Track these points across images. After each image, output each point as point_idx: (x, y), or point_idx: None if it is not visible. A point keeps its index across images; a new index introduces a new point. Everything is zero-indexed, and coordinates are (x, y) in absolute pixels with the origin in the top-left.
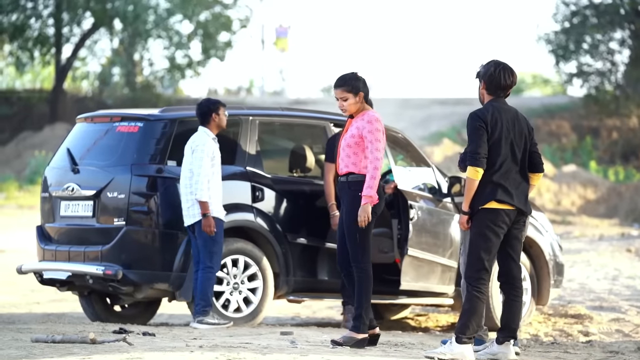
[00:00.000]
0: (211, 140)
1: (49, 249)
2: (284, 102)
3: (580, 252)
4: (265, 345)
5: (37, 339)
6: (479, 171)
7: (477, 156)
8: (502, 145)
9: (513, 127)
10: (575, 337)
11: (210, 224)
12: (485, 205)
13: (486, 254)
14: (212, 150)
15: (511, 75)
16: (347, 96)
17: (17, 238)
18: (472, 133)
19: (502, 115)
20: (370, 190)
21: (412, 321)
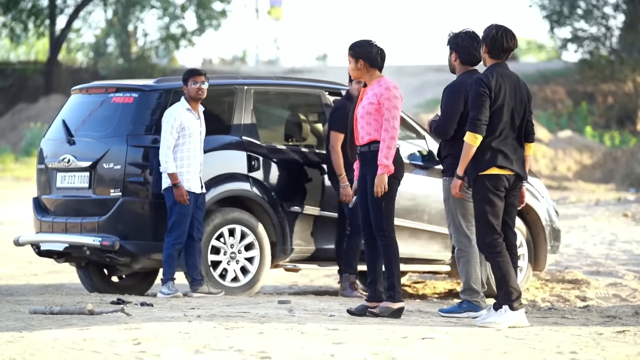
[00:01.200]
0: (182, 112)
1: (45, 220)
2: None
3: (576, 218)
4: (263, 314)
5: (35, 311)
6: (478, 138)
7: (477, 122)
8: (504, 112)
9: (514, 93)
10: (573, 303)
11: (182, 194)
12: (485, 172)
13: (495, 219)
14: (181, 121)
15: (513, 37)
16: (349, 60)
17: (13, 210)
18: (475, 98)
19: (505, 80)
20: (385, 160)
21: (410, 288)
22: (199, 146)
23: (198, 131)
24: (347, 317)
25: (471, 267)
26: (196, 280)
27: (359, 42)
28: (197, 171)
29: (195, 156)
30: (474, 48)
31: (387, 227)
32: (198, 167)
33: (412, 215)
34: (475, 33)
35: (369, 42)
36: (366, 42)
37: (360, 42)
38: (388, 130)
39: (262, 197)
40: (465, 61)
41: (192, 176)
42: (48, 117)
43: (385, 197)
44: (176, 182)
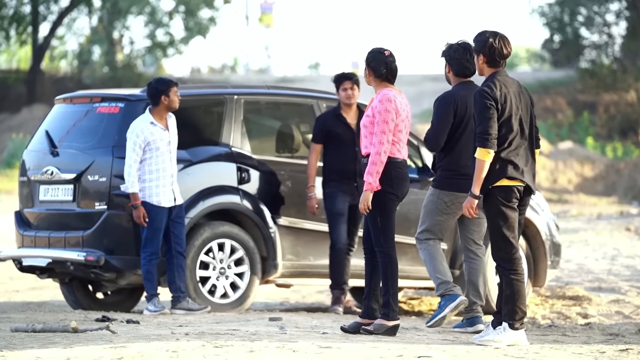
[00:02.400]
0: (145, 126)
1: (28, 235)
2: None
3: (577, 232)
4: (253, 331)
5: (16, 329)
6: (490, 153)
7: (488, 137)
8: (513, 122)
9: (519, 100)
10: (574, 320)
11: (139, 215)
12: (496, 184)
13: (510, 232)
14: (144, 137)
15: (508, 42)
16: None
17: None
18: (481, 112)
19: (509, 89)
20: (369, 176)
21: (405, 305)
22: (167, 158)
23: (166, 143)
24: (341, 335)
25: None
26: (175, 296)
27: (373, 49)
28: (167, 184)
29: (164, 169)
30: (466, 60)
31: (385, 244)
32: (169, 179)
33: (405, 230)
34: (469, 44)
35: (381, 50)
36: (377, 50)
37: (375, 49)
38: (375, 145)
39: (253, 211)
40: (458, 73)
41: (161, 190)
42: (31, 127)
43: (381, 213)
44: (135, 203)
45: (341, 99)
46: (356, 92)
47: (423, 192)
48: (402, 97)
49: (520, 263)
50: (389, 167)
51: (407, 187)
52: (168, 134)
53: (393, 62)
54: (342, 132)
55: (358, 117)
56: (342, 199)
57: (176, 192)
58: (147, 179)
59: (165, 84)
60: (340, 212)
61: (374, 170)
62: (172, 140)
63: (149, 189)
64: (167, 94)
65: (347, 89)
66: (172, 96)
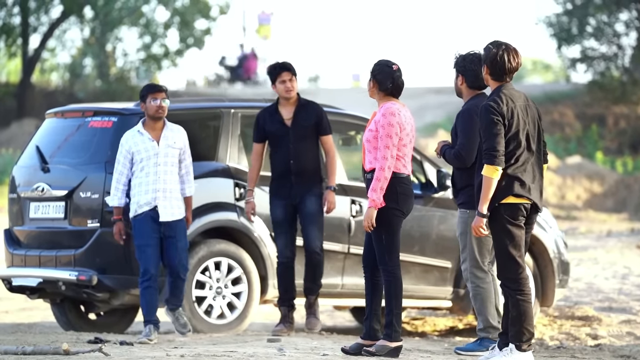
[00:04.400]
0: (131, 135)
1: (18, 253)
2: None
3: (587, 250)
4: (251, 353)
5: (6, 351)
6: (498, 170)
7: (496, 154)
8: (520, 138)
9: (526, 115)
10: (583, 341)
11: (117, 232)
12: (502, 201)
13: (516, 250)
14: (129, 145)
15: (516, 55)
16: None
17: None
18: (488, 128)
19: (515, 103)
20: (373, 193)
21: (408, 325)
22: (152, 172)
23: (152, 154)
24: (342, 357)
25: (490, 304)
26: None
27: (380, 61)
28: (149, 199)
29: (147, 183)
30: (481, 72)
31: (390, 262)
32: (151, 195)
33: (408, 247)
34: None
35: (388, 64)
36: (385, 63)
37: (382, 61)
38: (379, 160)
39: (251, 228)
40: (473, 85)
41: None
42: (21, 142)
43: (386, 230)
44: (117, 218)
45: (279, 93)
46: (295, 84)
47: (426, 208)
48: (405, 111)
49: (527, 283)
50: (394, 183)
51: (412, 204)
52: (156, 145)
53: (400, 77)
54: (275, 130)
55: (296, 110)
56: (278, 204)
57: (163, 208)
58: (131, 193)
59: (145, 89)
60: (278, 221)
61: (377, 187)
62: (167, 153)
63: (132, 204)
64: (143, 100)
65: (286, 81)
66: (149, 103)
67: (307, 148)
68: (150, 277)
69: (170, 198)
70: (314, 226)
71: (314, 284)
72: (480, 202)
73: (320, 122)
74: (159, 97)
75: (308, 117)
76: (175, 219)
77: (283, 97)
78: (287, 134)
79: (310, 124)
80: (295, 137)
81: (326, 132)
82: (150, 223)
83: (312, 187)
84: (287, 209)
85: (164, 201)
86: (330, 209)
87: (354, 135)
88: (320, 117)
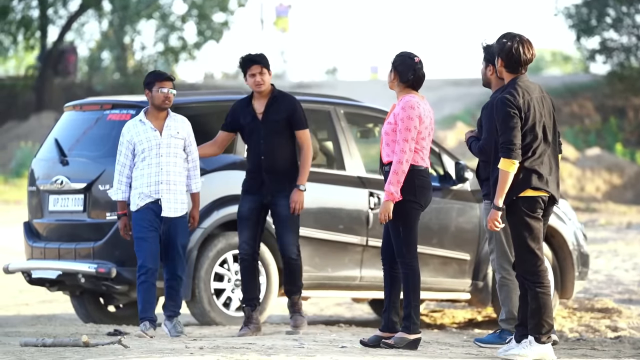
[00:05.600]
0: (133, 124)
1: (37, 246)
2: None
3: (606, 242)
4: (270, 345)
5: (26, 343)
6: (515, 163)
7: (513, 147)
8: (537, 130)
9: (542, 106)
10: (603, 333)
11: (120, 227)
12: (520, 194)
13: (535, 243)
14: (131, 135)
15: (530, 47)
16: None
17: (2, 235)
18: (505, 121)
19: (531, 95)
20: (390, 186)
21: (427, 318)
22: (155, 162)
23: (154, 145)
24: (360, 349)
25: (515, 296)
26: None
27: (402, 53)
28: (151, 192)
29: (149, 174)
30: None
31: (407, 254)
32: (153, 187)
33: (426, 240)
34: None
35: (410, 56)
36: (407, 55)
37: (404, 53)
38: (397, 153)
39: (269, 221)
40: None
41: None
42: (39, 135)
43: (404, 223)
44: (121, 213)
45: (250, 87)
46: (266, 77)
47: (445, 200)
48: (425, 104)
49: (546, 275)
50: (412, 176)
51: (430, 196)
52: (158, 135)
53: (421, 69)
54: (247, 124)
55: (268, 103)
56: (247, 199)
57: (166, 202)
58: (133, 184)
59: (151, 76)
60: (243, 216)
61: (395, 180)
62: (169, 143)
63: (132, 197)
64: (149, 88)
65: (255, 74)
66: (156, 92)
67: (280, 144)
68: (146, 271)
69: (174, 192)
70: (288, 231)
71: (294, 285)
72: (496, 195)
73: (293, 116)
74: (166, 87)
75: (279, 111)
76: (177, 215)
77: (254, 90)
78: (258, 129)
79: (282, 118)
80: (266, 132)
81: (300, 126)
82: (151, 216)
83: (285, 187)
84: (255, 205)
85: (168, 194)
86: (294, 210)
87: (372, 127)
88: (293, 110)
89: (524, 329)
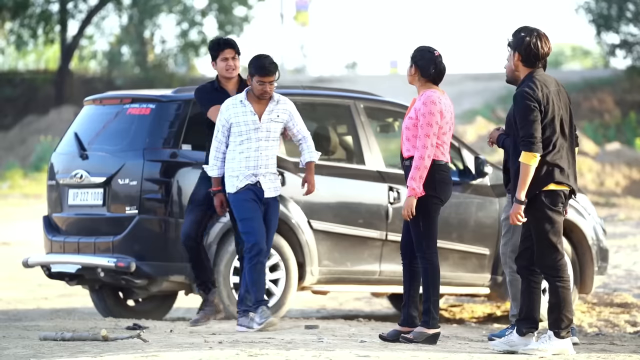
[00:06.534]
0: (232, 103)
1: (56, 240)
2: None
3: (626, 237)
4: (289, 340)
5: (45, 337)
6: (536, 157)
7: (534, 140)
8: (556, 123)
9: (559, 100)
10: (622, 328)
11: (215, 204)
12: (543, 189)
13: (556, 237)
14: (229, 115)
15: (547, 41)
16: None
17: (22, 229)
18: (525, 114)
19: (549, 89)
20: (412, 181)
21: (446, 312)
22: (254, 147)
23: (250, 128)
24: (379, 343)
25: None
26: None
27: (421, 47)
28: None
29: (248, 158)
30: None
31: (427, 249)
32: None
33: (446, 234)
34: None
35: (430, 50)
36: (427, 49)
37: (423, 47)
38: (419, 149)
39: (288, 215)
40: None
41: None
42: (59, 129)
43: (424, 217)
44: (216, 189)
45: (219, 71)
46: (238, 62)
47: (464, 195)
48: (445, 98)
49: (565, 269)
50: (433, 170)
51: (450, 191)
52: (257, 119)
53: (442, 63)
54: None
55: (238, 90)
56: (205, 185)
57: (266, 184)
58: (228, 166)
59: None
60: (198, 199)
61: (417, 175)
62: (268, 127)
63: (230, 178)
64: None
65: (228, 58)
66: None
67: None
68: (259, 251)
69: (270, 174)
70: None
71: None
72: (518, 189)
73: None
74: (266, 81)
75: None
76: (274, 195)
77: (223, 75)
78: None
79: None
80: None
81: None
82: (253, 196)
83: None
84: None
85: (265, 177)
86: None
87: (392, 122)
88: None
89: (527, 322)
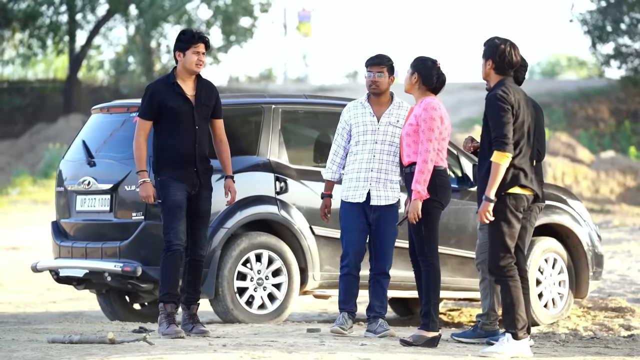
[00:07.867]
0: (353, 105)
1: (65, 245)
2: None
3: (620, 242)
4: (291, 343)
5: (53, 340)
6: (508, 157)
7: (507, 140)
8: (524, 129)
9: (527, 107)
10: (617, 332)
11: (322, 208)
12: (508, 191)
13: (511, 240)
14: (349, 116)
15: (518, 52)
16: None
17: (31, 235)
18: (498, 116)
19: (520, 95)
20: (417, 185)
21: (445, 316)
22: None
23: (371, 130)
24: (379, 346)
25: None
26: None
27: (422, 57)
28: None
29: (361, 160)
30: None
31: (429, 253)
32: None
33: (445, 240)
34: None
35: (431, 59)
36: (430, 59)
37: (424, 57)
38: (421, 153)
39: (291, 221)
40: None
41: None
42: (67, 137)
43: (426, 222)
44: (327, 193)
45: (187, 64)
46: (205, 60)
47: (463, 202)
48: (443, 106)
49: (515, 269)
50: (433, 176)
51: (450, 196)
52: (375, 121)
53: (443, 74)
54: (178, 107)
55: (198, 87)
56: (179, 187)
57: (375, 191)
58: (345, 169)
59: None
60: (177, 205)
61: (421, 179)
62: (386, 131)
63: (344, 180)
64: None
65: (200, 53)
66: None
67: (207, 131)
68: (348, 263)
69: (384, 181)
70: (204, 226)
71: (196, 291)
72: (488, 187)
73: (217, 104)
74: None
75: (210, 97)
76: (386, 203)
77: (189, 69)
78: (191, 113)
79: (212, 104)
80: (199, 117)
81: (220, 115)
82: (359, 205)
83: (208, 179)
84: (185, 195)
85: (377, 184)
86: (234, 199)
87: None
88: (218, 98)
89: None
